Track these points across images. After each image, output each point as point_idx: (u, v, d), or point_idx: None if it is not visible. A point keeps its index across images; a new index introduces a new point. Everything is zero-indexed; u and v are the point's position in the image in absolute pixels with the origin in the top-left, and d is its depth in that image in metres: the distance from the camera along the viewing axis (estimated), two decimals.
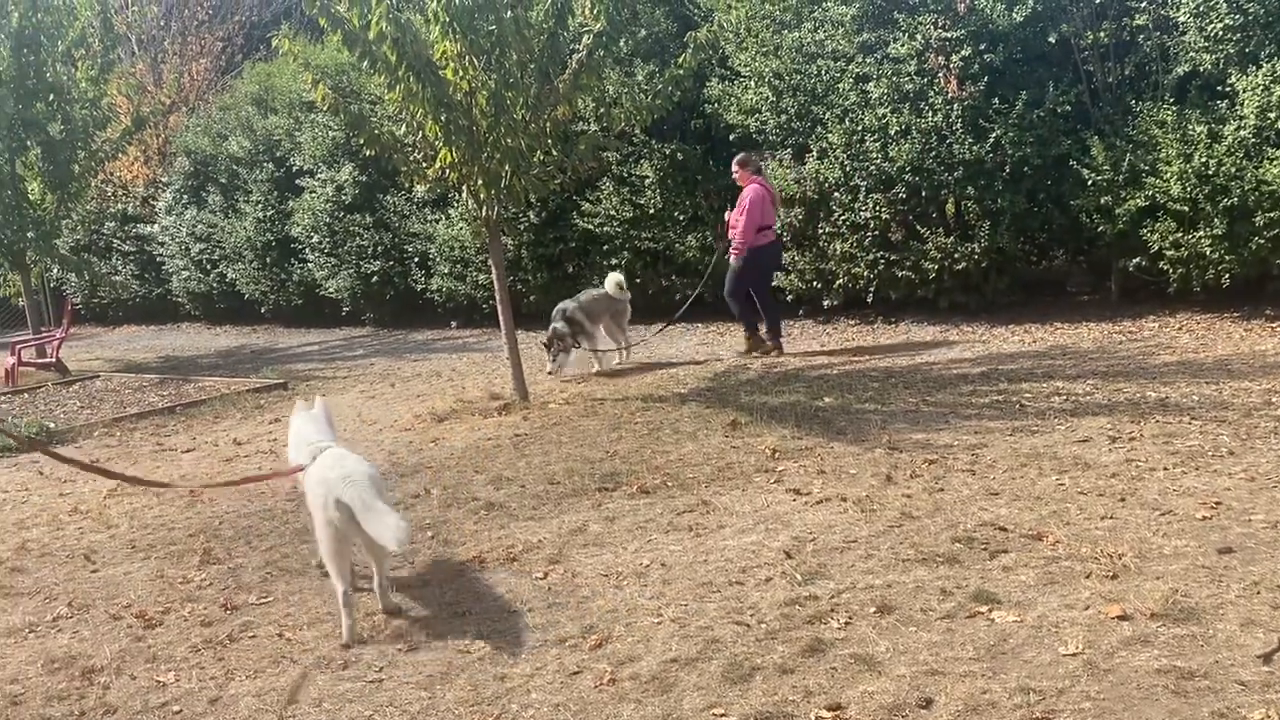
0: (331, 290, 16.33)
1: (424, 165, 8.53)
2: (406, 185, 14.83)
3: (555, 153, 8.56)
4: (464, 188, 8.34)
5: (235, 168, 17.61)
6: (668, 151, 11.96)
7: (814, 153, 10.77)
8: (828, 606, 4.07)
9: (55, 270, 19.89)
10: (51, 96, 14.16)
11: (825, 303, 11.20)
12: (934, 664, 3.52)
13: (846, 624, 3.90)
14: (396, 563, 5.04)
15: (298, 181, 16.41)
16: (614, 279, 10.24)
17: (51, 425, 9.51)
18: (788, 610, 4.07)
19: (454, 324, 15.26)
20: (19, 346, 14.26)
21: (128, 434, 9.31)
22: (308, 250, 16.42)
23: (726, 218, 10.08)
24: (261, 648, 4.19)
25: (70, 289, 21.73)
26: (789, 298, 11.50)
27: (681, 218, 12.11)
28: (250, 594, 4.83)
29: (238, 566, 5.24)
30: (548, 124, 8.24)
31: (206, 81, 21.37)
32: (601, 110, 11.57)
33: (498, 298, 8.75)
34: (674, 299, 12.44)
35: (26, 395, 12.48)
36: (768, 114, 11.06)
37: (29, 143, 14.24)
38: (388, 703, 3.64)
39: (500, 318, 8.79)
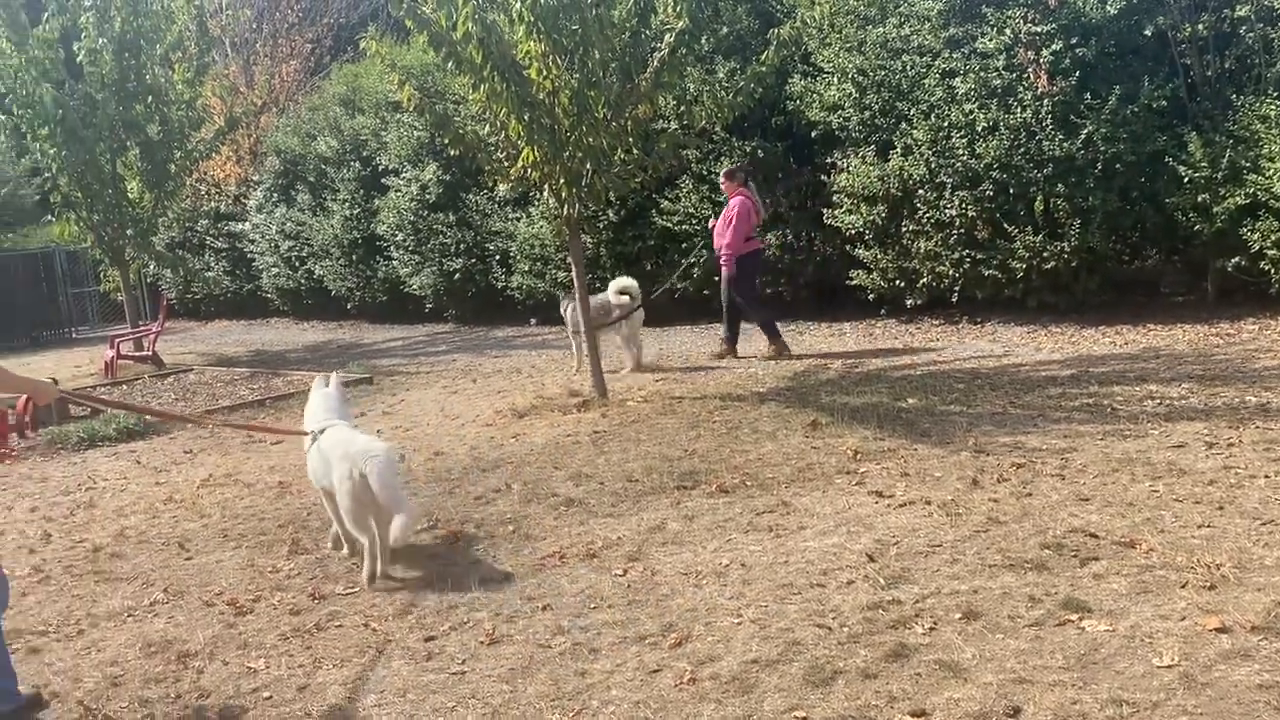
0: (415, 287, 16.60)
1: (506, 164, 8.62)
2: (489, 184, 15.02)
3: (636, 151, 8.58)
4: (545, 186, 8.41)
5: (323, 167, 18.02)
6: (748, 149, 11.90)
7: (898, 149, 10.61)
8: (912, 611, 4.00)
9: (151, 266, 20.63)
10: (150, 98, 14.67)
11: (908, 302, 11.03)
12: (1022, 672, 3.44)
13: (931, 629, 3.83)
14: (478, 555, 5.11)
15: (383, 180, 16.72)
16: (616, 284, 10.25)
17: (149, 416, 9.84)
18: (870, 614, 4.01)
19: (533, 321, 15.40)
20: (118, 340, 14.80)
21: (219, 426, 9.58)
22: (392, 248, 16.73)
23: (711, 226, 10.48)
24: (348, 637, 4.28)
25: (165, 285, 22.48)
26: (870, 296, 11.35)
27: (763, 216, 12.02)
28: (337, 584, 4.93)
29: (324, 557, 5.36)
30: (629, 122, 8.26)
31: (296, 82, 21.91)
32: (682, 108, 11.57)
33: (577, 296, 8.80)
34: None
35: (125, 387, 12.94)
36: (851, 110, 10.93)
37: (129, 143, 14.77)
38: (470, 695, 3.69)
39: (579, 314, 8.84)
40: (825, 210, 11.38)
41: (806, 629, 3.95)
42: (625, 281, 10.33)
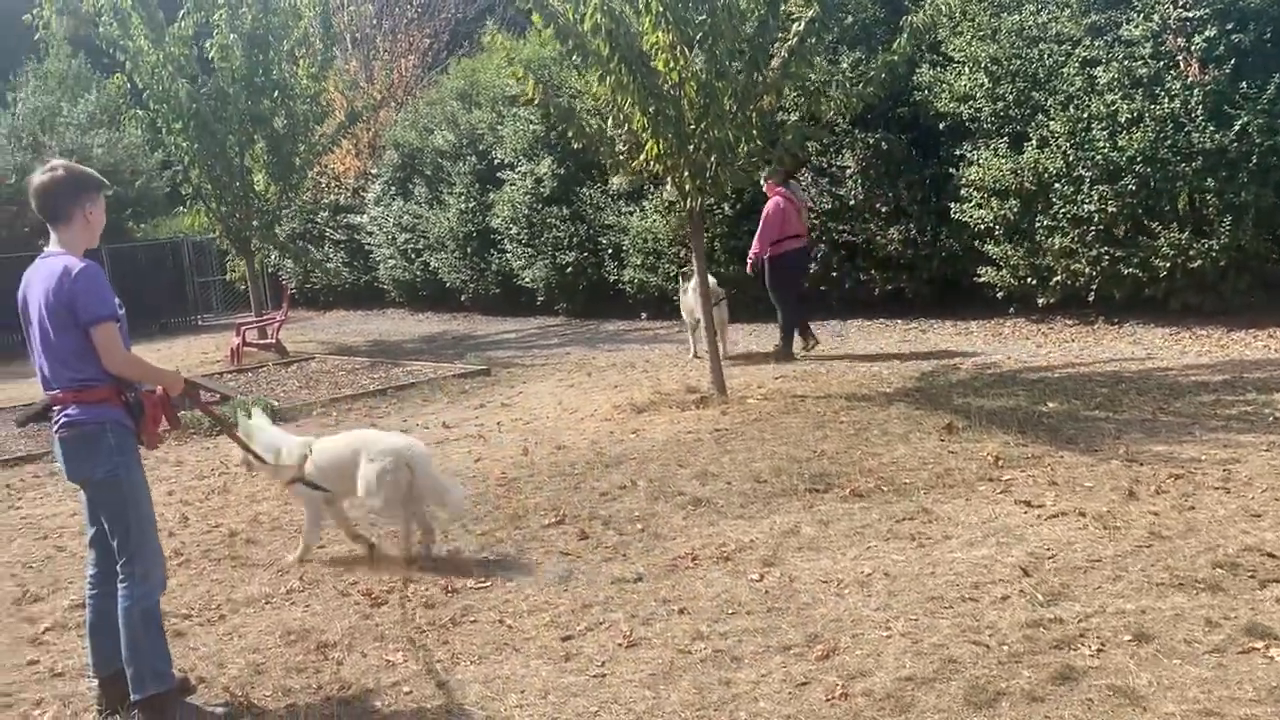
0: (527, 280, 16.70)
1: (628, 157, 8.54)
2: (603, 178, 15.00)
3: (760, 143, 8.39)
4: (669, 179, 8.29)
5: (440, 160, 18.26)
6: (871, 141, 11.59)
7: (1033, 141, 10.16)
8: (1075, 631, 3.76)
9: (274, 256, 21.24)
10: (277, 93, 15.08)
11: (1040, 300, 10.57)
12: (1208, 703, 3.19)
13: (1099, 651, 3.59)
14: (608, 553, 5.03)
15: (498, 174, 16.85)
16: (694, 283, 10.10)
17: (275, 404, 10.07)
18: (1030, 632, 3.79)
19: (644, 315, 15.31)
20: (243, 328, 15.27)
21: (344, 414, 9.76)
22: (506, 241, 16.85)
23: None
24: (483, 633, 4.24)
25: (286, 275, 23.12)
26: (998, 294, 10.92)
27: (884, 209, 11.72)
28: (469, 578, 4.90)
29: (455, 549, 5.35)
30: (754, 114, 8.09)
31: (414, 77, 22.27)
32: (803, 99, 11.31)
33: (699, 291, 8.66)
34: (872, 293, 12.07)
35: (250, 374, 13.32)
36: (983, 101, 10.52)
37: (256, 136, 15.20)
38: (612, 699, 3.59)
39: (700, 311, 8.70)
40: (952, 204, 10.99)
41: (962, 646, 3.75)
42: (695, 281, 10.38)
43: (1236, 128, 8.92)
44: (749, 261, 10.40)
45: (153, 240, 24.96)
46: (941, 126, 11.14)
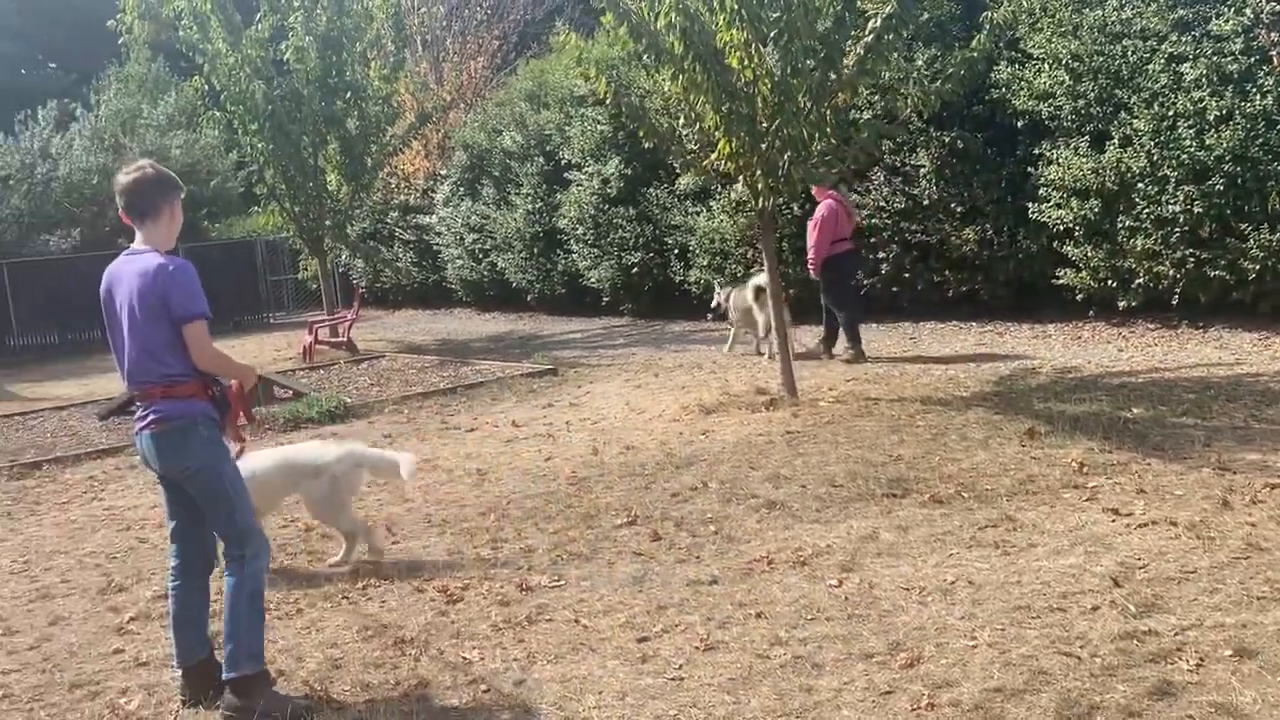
0: (593, 280, 16.72)
1: (700, 156, 8.49)
2: (670, 178, 14.96)
3: (834, 141, 8.28)
4: (740, 179, 8.22)
5: (508, 161, 18.38)
6: (946, 139, 11.37)
7: (1115, 140, 9.88)
8: (1172, 644, 3.62)
9: (345, 256, 21.57)
10: (350, 94, 15.29)
11: (1120, 303, 10.27)
12: None
13: (1198, 666, 3.45)
14: (681, 555, 4.98)
15: (565, 175, 16.90)
16: (754, 283, 10.74)
17: (348, 400, 10.20)
18: (1124, 645, 3.65)
19: (710, 316, 15.20)
20: (316, 326, 15.51)
21: (415, 412, 9.84)
22: (572, 241, 16.90)
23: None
24: (559, 632, 4.22)
25: (356, 274, 23.46)
26: (1077, 296, 10.65)
27: (958, 209, 11.49)
28: (543, 575, 4.89)
29: (529, 548, 5.34)
30: (828, 111, 7.99)
31: (483, 78, 22.46)
32: (877, 97, 11.16)
33: (769, 291, 8.58)
34: (946, 295, 11.85)
35: (322, 371, 13.51)
36: (1063, 98, 10.26)
37: (329, 137, 15.44)
38: (690, 703, 3.54)
39: (771, 310, 8.61)
40: (1030, 204, 10.74)
41: (1052, 657, 3.63)
42: (764, 279, 10.46)
43: None
44: (810, 267, 10.50)
45: (227, 239, 25.54)
46: (1019, 124, 10.89)
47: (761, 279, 10.68)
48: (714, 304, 12.02)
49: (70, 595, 5.35)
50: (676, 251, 15.03)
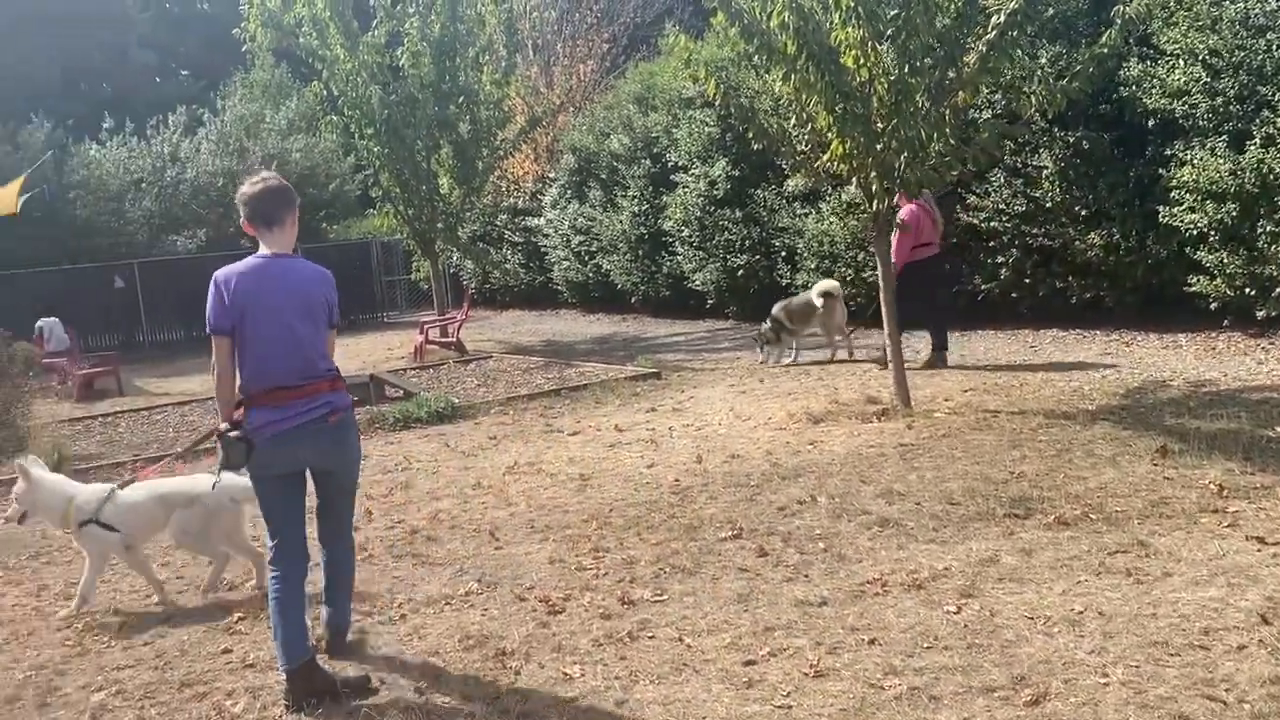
0: (698, 283, 16.59)
1: (810, 158, 8.28)
2: (778, 180, 14.72)
3: (953, 142, 7.96)
4: (853, 180, 7.98)
5: (615, 164, 18.39)
6: (1071, 140, 10.88)
7: (1256, 140, 9.28)
8: None
9: (454, 257, 21.88)
10: (462, 99, 15.52)
11: (1259, 313, 9.64)
12: None
13: None
14: (789, 573, 4.81)
15: (672, 177, 16.81)
16: (819, 288, 11.32)
17: (455, 400, 10.29)
18: (1276, 690, 3.35)
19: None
20: (426, 326, 15.76)
21: (520, 413, 9.86)
22: (678, 243, 16.80)
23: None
24: (662, 650, 4.09)
25: (466, 276, 23.83)
26: (1211, 305, 10.04)
27: (1082, 212, 10.98)
28: (645, 589, 4.78)
29: (631, 559, 5.23)
30: (947, 111, 7.69)
31: (592, 82, 22.56)
32: (997, 95, 10.75)
33: (882, 297, 8.32)
34: (1069, 302, 11.34)
35: (431, 371, 13.71)
36: (1199, 96, 9.69)
37: (442, 141, 15.69)
38: None
39: (883, 317, 8.34)
40: (1160, 208, 10.18)
41: (1193, 700, 3.35)
42: (829, 284, 11.39)
43: None
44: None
45: (344, 240, 26.24)
46: (1149, 124, 10.34)
47: (828, 284, 11.44)
48: (765, 327, 11.89)
49: (184, 592, 5.46)
50: (784, 254, 14.78)
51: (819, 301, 11.23)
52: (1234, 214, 9.51)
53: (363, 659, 4.28)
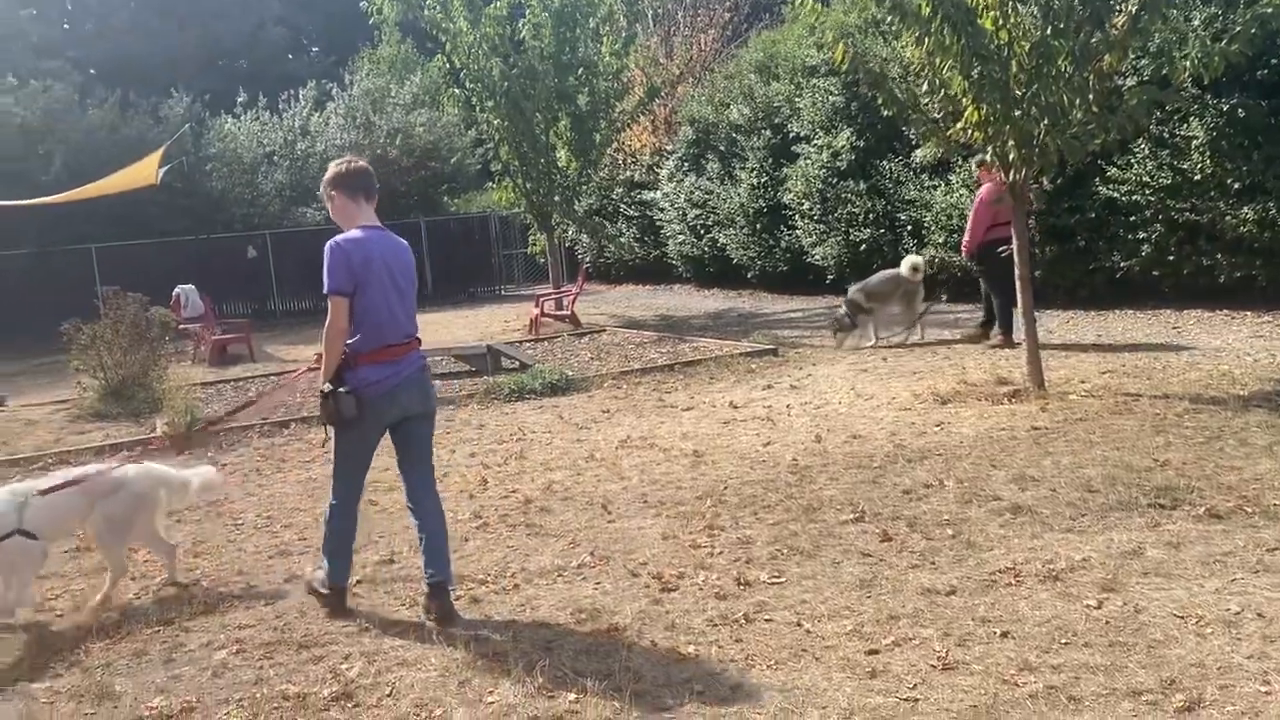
0: (818, 257, 16.22)
1: (943, 126, 7.91)
2: (906, 150, 14.24)
3: (1096, 109, 7.48)
4: (989, 149, 7.58)
5: (734, 135, 18.10)
6: (1225, 108, 10.16)
7: None
8: None
9: (570, 231, 21.96)
10: (581, 70, 15.46)
11: None
12: None
13: None
14: (914, 559, 4.58)
15: (793, 148, 16.46)
16: (909, 261, 11.14)
17: (569, 373, 10.27)
18: None
19: (944, 297, 14.42)
20: (542, 299, 15.84)
21: (633, 387, 9.79)
22: (797, 217, 16.45)
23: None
24: (779, 635, 3.94)
25: (581, 250, 23.90)
26: None
27: (1235, 185, 10.26)
28: (762, 570, 4.62)
29: (746, 538, 5.08)
30: (1091, 76, 7.22)
31: (713, 51, 22.25)
32: (1144, 60, 10.11)
33: (1017, 273, 7.91)
34: (1216, 280, 10.65)
35: (546, 344, 13.75)
36: None
37: (560, 114, 15.67)
38: None
39: (1018, 294, 7.94)
40: None
41: None
42: (917, 259, 11.28)
43: None
44: (964, 251, 10.35)
45: (464, 214, 26.63)
46: None
47: (917, 259, 11.30)
48: (840, 311, 11.57)
49: (305, 553, 5.54)
50: (910, 228, 14.32)
51: (914, 275, 11.03)
52: None
53: (476, 628, 4.25)
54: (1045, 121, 7.20)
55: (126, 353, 10.32)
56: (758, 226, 17.53)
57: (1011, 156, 7.35)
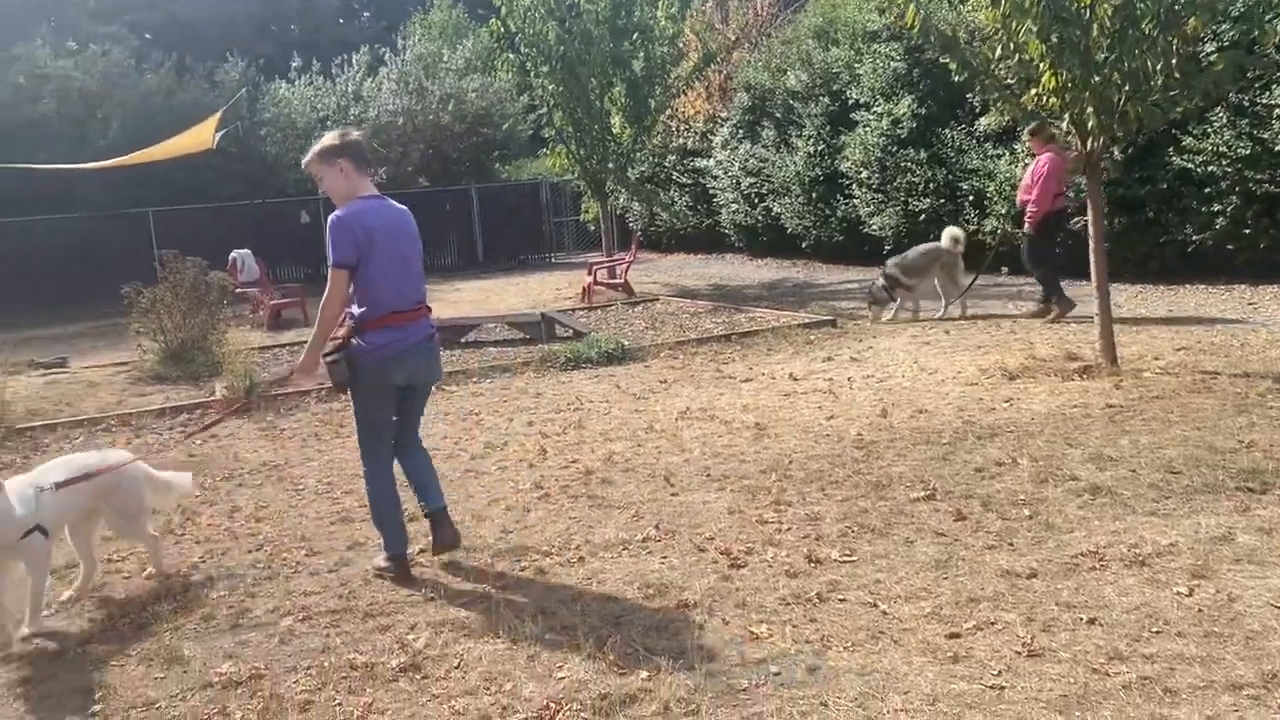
0: (875, 227, 15.93)
1: (1017, 92, 7.65)
2: (969, 118, 13.90)
3: (1179, 75, 7.17)
4: (1066, 116, 7.31)
5: (791, 102, 17.79)
6: None
7: None
8: None
9: (621, 199, 21.80)
10: (637, 35, 15.23)
11: None
12: None
13: None
14: (991, 540, 4.44)
15: (852, 115, 16.14)
16: (950, 233, 11.00)
17: (625, 342, 10.17)
18: None
19: (1005, 270, 14.09)
20: (595, 267, 15.73)
21: (689, 357, 9.67)
22: (855, 186, 16.16)
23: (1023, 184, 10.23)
24: (854, 615, 3.83)
25: (632, 218, 23.72)
26: None
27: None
28: (832, 548, 4.51)
29: (814, 514, 4.97)
30: (1175, 40, 6.91)
31: (770, 16, 21.82)
32: (1226, 25, 9.71)
33: (1091, 245, 7.65)
34: None
35: (599, 312, 13.67)
36: None
37: (615, 79, 15.47)
38: (1016, 719, 3.07)
39: (1092, 267, 7.68)
40: None
41: None
42: (958, 231, 11.15)
43: None
44: (1028, 220, 10.06)
45: (516, 181, 26.53)
46: None
47: (957, 230, 11.14)
48: (878, 283, 11.34)
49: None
50: (971, 198, 13.99)
51: (954, 247, 10.86)
52: None
53: (542, 601, 4.19)
54: (1126, 87, 6.91)
55: (186, 316, 10.41)
56: (813, 195, 17.25)
57: (1090, 124, 7.08)
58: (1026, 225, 10.19)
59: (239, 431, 7.92)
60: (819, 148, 16.95)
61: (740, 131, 19.53)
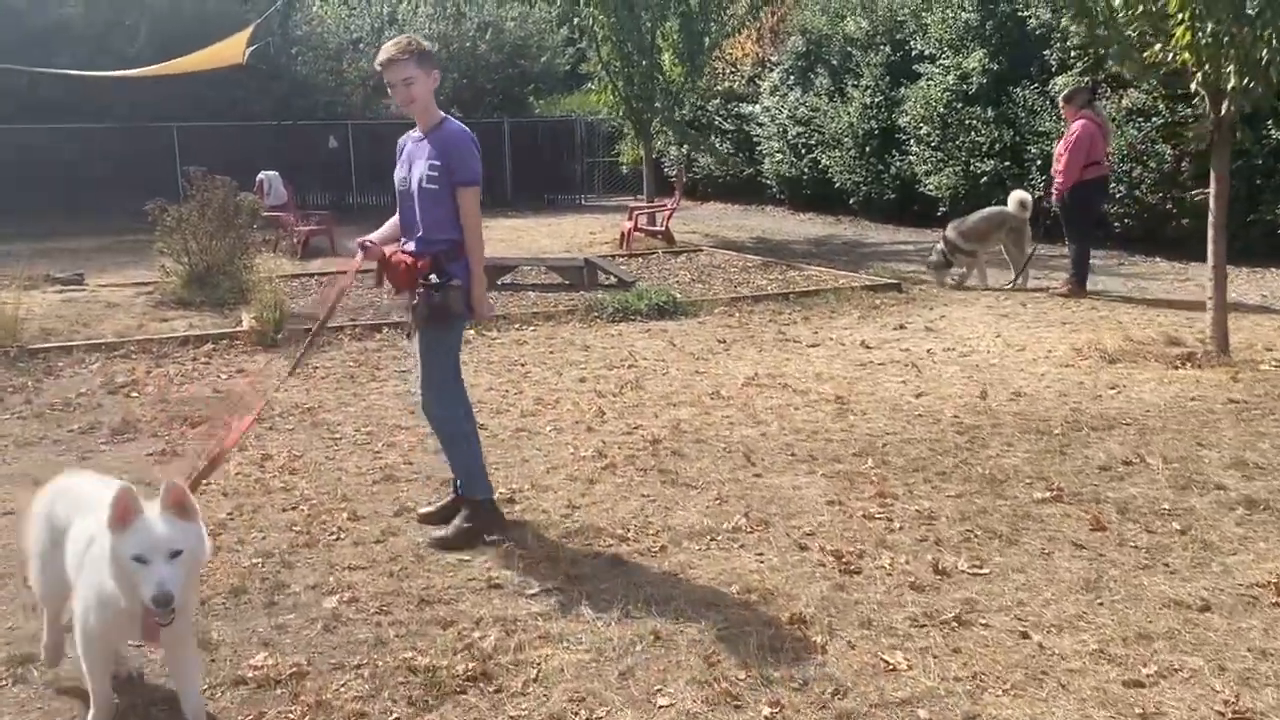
0: (930, 187, 15.16)
1: (1141, 46, 6.91)
2: (1042, 76, 13.07)
3: None
4: (1198, 74, 6.57)
5: (849, 49, 16.92)
6: None
7: None
8: None
9: (662, 142, 20.96)
10: None
11: None
12: None
13: None
14: (1142, 558, 3.83)
15: (915, 67, 15.29)
16: (1016, 197, 10.27)
17: (676, 295, 9.53)
18: None
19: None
20: (636, 213, 15.01)
21: (746, 316, 9.04)
22: (912, 142, 15.37)
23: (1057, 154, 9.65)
24: (1004, 647, 3.24)
25: (669, 163, 22.87)
26: None
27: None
28: (957, 556, 3.91)
29: (927, 512, 4.36)
30: None
31: None
32: None
33: (1211, 221, 6.97)
34: None
35: (641, 260, 12.99)
36: None
37: (669, 13, 14.64)
38: None
39: (1210, 245, 7.00)
40: None
41: None
42: (1025, 195, 10.38)
43: None
44: (1054, 192, 9.57)
45: (550, 117, 25.64)
46: None
47: (1024, 194, 10.37)
48: (937, 248, 10.69)
49: (414, 480, 4.97)
50: (1040, 162, 13.20)
51: (1022, 211, 10.16)
52: None
53: (625, 600, 3.61)
54: (1275, 42, 6.16)
55: (213, 238, 9.78)
56: (866, 149, 16.47)
57: (1231, 84, 6.34)
58: (1054, 197, 9.59)
59: (268, 369, 7.34)
60: (876, 99, 16.13)
61: (791, 78, 18.67)
